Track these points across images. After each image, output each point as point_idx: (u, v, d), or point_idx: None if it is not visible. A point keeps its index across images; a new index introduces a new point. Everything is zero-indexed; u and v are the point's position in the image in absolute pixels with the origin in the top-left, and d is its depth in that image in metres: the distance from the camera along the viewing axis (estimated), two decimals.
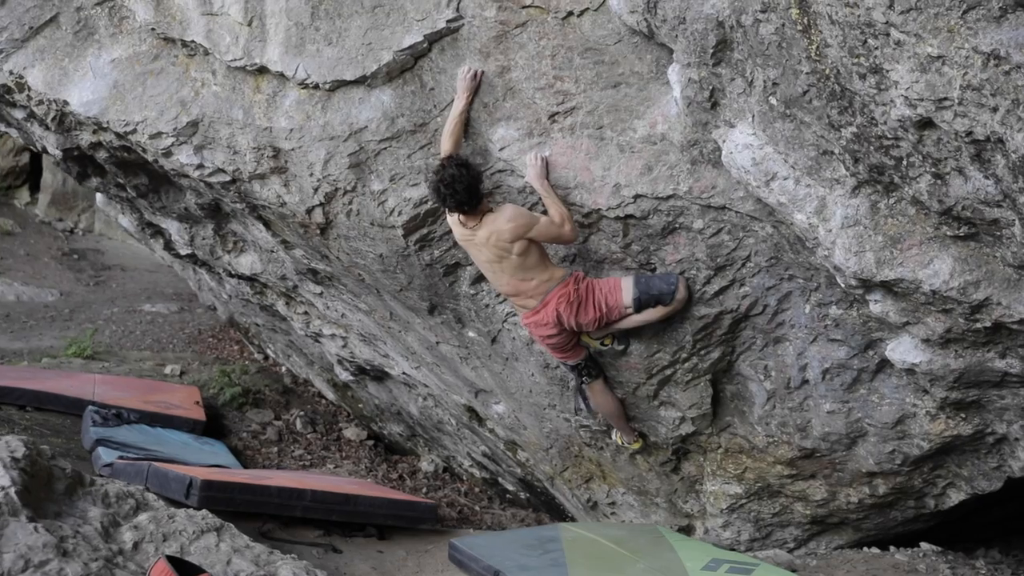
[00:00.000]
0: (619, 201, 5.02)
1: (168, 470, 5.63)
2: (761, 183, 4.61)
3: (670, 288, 5.10)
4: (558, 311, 5.21)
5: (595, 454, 6.45)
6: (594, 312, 5.21)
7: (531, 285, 5.22)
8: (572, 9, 4.99)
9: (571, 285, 5.20)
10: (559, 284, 5.21)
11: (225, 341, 16.25)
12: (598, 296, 5.20)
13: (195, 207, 6.81)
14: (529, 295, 5.25)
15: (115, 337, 15.73)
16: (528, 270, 5.16)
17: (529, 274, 5.17)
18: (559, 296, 5.20)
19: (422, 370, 7.47)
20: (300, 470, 10.04)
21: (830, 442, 5.46)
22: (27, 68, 5.84)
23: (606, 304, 5.19)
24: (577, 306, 5.20)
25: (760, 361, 5.41)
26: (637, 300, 5.14)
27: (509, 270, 5.17)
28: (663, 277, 5.15)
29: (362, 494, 6.06)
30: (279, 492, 5.57)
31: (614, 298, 5.18)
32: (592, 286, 5.23)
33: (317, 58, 5.31)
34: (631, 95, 4.98)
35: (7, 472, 3.92)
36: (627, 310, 5.19)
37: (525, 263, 5.13)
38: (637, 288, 5.13)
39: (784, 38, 4.27)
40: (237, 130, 5.54)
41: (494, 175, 5.31)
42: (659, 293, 5.11)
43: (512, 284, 5.24)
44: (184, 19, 5.49)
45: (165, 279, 21.92)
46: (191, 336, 16.62)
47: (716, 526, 6.24)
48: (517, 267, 5.15)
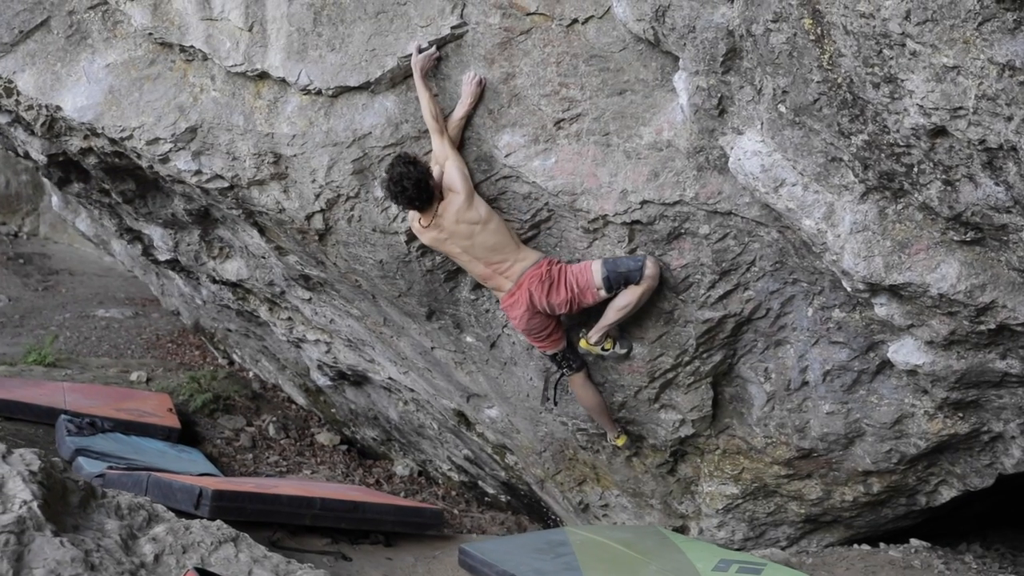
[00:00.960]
0: (626, 207, 5.07)
1: (172, 480, 5.56)
2: (770, 189, 4.69)
3: (637, 265, 5.18)
4: (530, 291, 5.30)
5: (590, 457, 6.50)
6: (565, 292, 5.29)
7: (505, 266, 5.30)
8: (577, 16, 5.04)
9: (544, 267, 5.31)
10: (533, 266, 5.30)
11: (185, 346, 16.04)
12: (569, 277, 5.29)
13: (183, 213, 6.72)
14: (505, 275, 5.34)
15: (70, 343, 15.43)
16: (499, 248, 5.24)
17: (501, 253, 5.26)
18: (532, 276, 5.29)
19: (410, 375, 7.46)
20: (278, 476, 9.96)
21: (828, 442, 5.57)
22: (16, 73, 5.72)
23: (577, 285, 5.27)
24: (549, 286, 5.29)
25: (760, 364, 5.50)
26: (607, 279, 5.22)
27: (483, 250, 5.24)
28: (630, 256, 5.25)
29: (369, 501, 6.04)
30: (289, 501, 5.53)
31: (584, 278, 5.26)
32: (564, 268, 5.34)
33: (320, 64, 5.28)
34: (637, 102, 5.03)
35: (27, 486, 3.85)
36: (599, 291, 5.26)
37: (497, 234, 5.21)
38: (605, 268, 5.22)
39: (795, 47, 4.35)
40: (237, 136, 5.49)
41: (498, 181, 5.33)
42: (627, 271, 5.20)
43: (488, 267, 5.32)
44: (183, 24, 5.43)
45: (116, 283, 21.57)
46: (149, 342, 16.37)
47: (711, 526, 6.32)
48: (491, 244, 5.22)
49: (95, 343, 15.92)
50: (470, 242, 5.24)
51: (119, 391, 10.90)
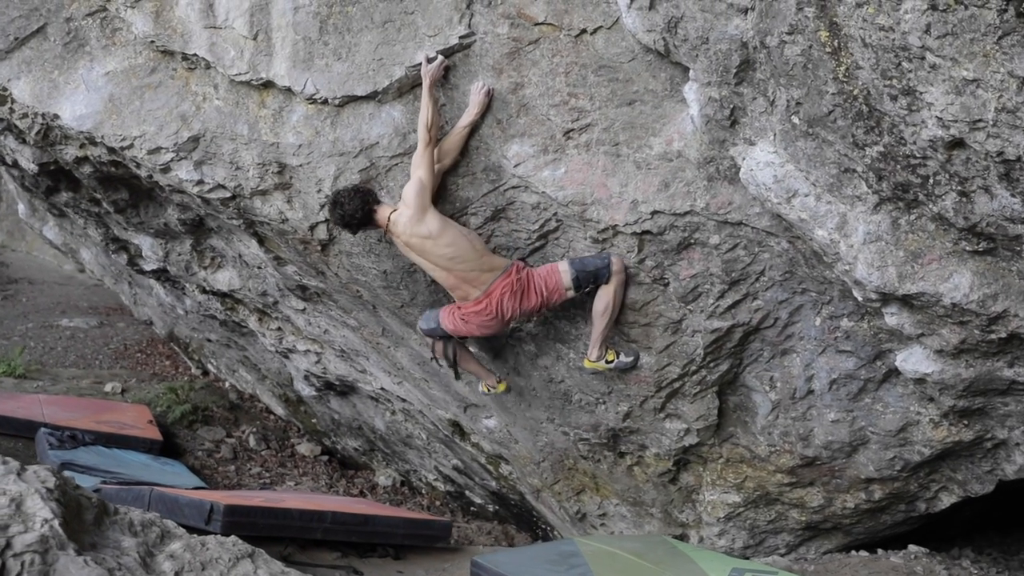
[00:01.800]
0: (636, 217, 5.08)
1: (179, 496, 5.47)
2: (782, 200, 4.72)
3: (604, 263, 5.24)
4: (502, 302, 5.32)
5: (591, 467, 6.49)
6: (535, 298, 5.34)
7: (472, 275, 5.30)
8: (585, 27, 5.04)
9: (513, 275, 5.31)
10: (502, 274, 5.30)
11: (155, 356, 15.85)
12: (537, 282, 5.32)
13: (176, 223, 6.63)
14: (472, 284, 5.33)
15: (35, 354, 15.17)
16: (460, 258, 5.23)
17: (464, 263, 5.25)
18: (503, 287, 5.30)
19: (405, 385, 7.41)
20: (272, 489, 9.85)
21: (832, 450, 5.61)
22: (11, 80, 5.61)
23: (545, 288, 5.31)
24: (520, 295, 5.32)
25: (766, 372, 5.53)
26: (576, 279, 5.27)
27: (445, 261, 5.24)
28: (596, 255, 5.30)
29: (379, 514, 5.98)
30: (300, 515, 5.46)
31: (553, 280, 5.30)
32: (531, 273, 5.36)
33: (326, 73, 5.24)
34: (646, 112, 5.04)
35: (46, 504, 3.75)
36: (567, 291, 5.31)
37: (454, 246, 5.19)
38: (573, 268, 5.27)
39: (810, 59, 4.38)
40: (241, 145, 5.43)
41: (507, 191, 5.31)
42: (595, 269, 5.25)
43: (452, 276, 5.30)
44: (186, 32, 5.35)
45: (77, 292, 21.27)
46: (118, 352, 16.16)
47: (712, 534, 6.35)
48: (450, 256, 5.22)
49: (61, 353, 15.68)
50: (427, 253, 5.26)
51: (97, 403, 10.73)
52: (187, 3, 5.32)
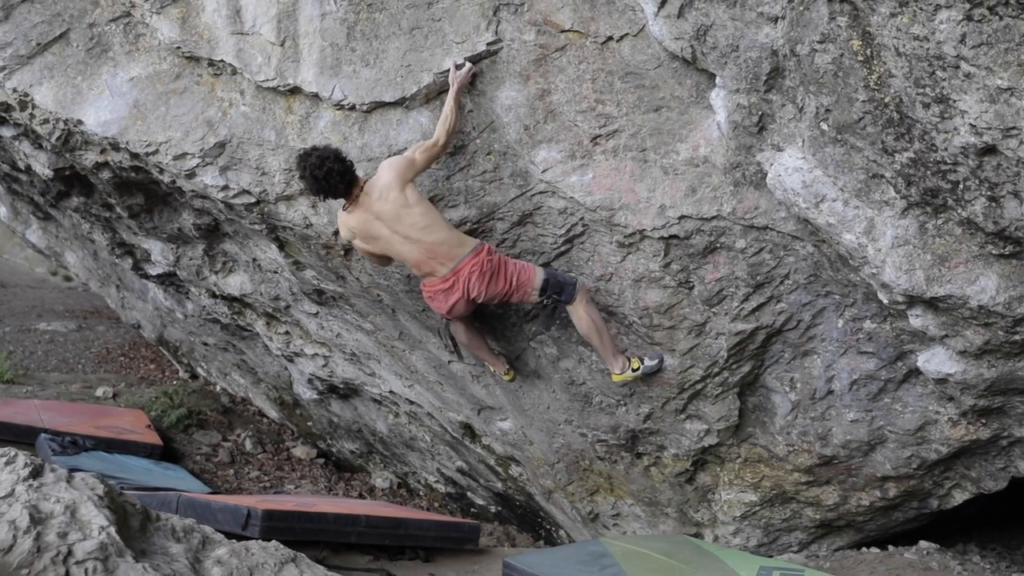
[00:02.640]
0: (664, 222, 5.15)
1: (210, 501, 5.46)
2: (810, 205, 4.81)
3: (572, 281, 5.40)
4: (470, 280, 5.30)
5: (607, 468, 6.56)
6: (504, 284, 5.35)
7: (442, 250, 5.24)
8: (611, 34, 5.10)
9: (483, 255, 5.29)
10: (471, 252, 5.27)
11: (138, 359, 15.75)
12: (510, 270, 5.35)
13: (191, 227, 6.62)
14: (440, 260, 5.27)
15: (15, 358, 15.02)
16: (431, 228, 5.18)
17: (434, 233, 5.19)
18: (472, 265, 5.27)
19: (416, 388, 7.44)
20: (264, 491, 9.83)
21: (850, 449, 5.71)
22: (34, 86, 5.58)
23: (517, 279, 5.35)
24: (490, 276, 5.31)
25: (786, 374, 5.63)
26: (545, 282, 5.36)
27: (418, 226, 5.16)
28: (565, 274, 5.49)
29: (410, 517, 6.01)
30: (335, 519, 5.48)
31: (526, 276, 5.36)
32: (503, 260, 5.37)
33: (354, 79, 5.26)
34: (673, 119, 5.11)
35: (99, 511, 3.75)
36: (533, 291, 5.39)
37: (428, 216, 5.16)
38: (546, 273, 5.39)
39: (841, 67, 4.47)
40: (268, 151, 5.44)
41: (534, 196, 5.37)
42: (563, 282, 5.38)
43: (422, 250, 5.22)
44: (212, 38, 5.35)
45: (52, 295, 21.07)
46: (100, 355, 16.04)
47: (726, 533, 6.44)
48: (423, 225, 5.15)
49: (42, 358, 15.55)
50: (398, 222, 5.16)
51: (94, 408, 10.65)
52: (214, 9, 5.32)
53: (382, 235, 5.25)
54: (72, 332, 17.33)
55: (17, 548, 3.42)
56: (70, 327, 17.63)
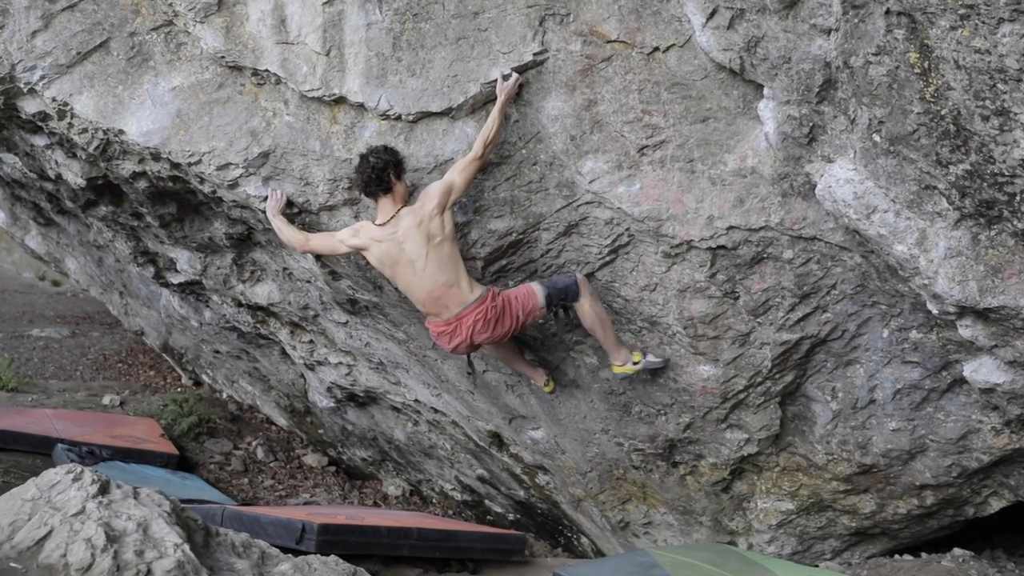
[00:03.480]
0: (712, 232, 5.16)
1: (259, 514, 5.42)
2: (862, 216, 4.83)
3: (572, 280, 5.43)
4: (473, 329, 5.39)
5: (641, 476, 6.56)
6: (511, 323, 5.42)
7: (451, 293, 5.30)
8: (658, 45, 5.11)
9: (488, 302, 5.35)
10: (476, 301, 5.33)
11: (136, 366, 15.66)
12: (514, 306, 5.40)
13: (222, 237, 6.58)
14: (445, 304, 5.34)
15: (14, 366, 14.92)
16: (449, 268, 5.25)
17: (448, 273, 5.26)
18: (476, 314, 5.34)
19: (444, 397, 7.42)
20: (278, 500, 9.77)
21: (890, 458, 5.74)
22: (73, 95, 5.53)
23: (522, 311, 5.42)
24: (495, 322, 5.39)
25: (828, 383, 5.65)
26: (548, 297, 5.41)
27: (435, 265, 5.23)
28: (561, 273, 5.53)
29: (460, 530, 6.00)
30: (388, 532, 5.45)
31: (530, 303, 5.42)
32: (507, 299, 5.42)
33: (400, 89, 5.25)
34: (720, 129, 5.13)
35: (171, 527, 3.71)
36: (539, 311, 5.43)
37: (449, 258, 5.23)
38: (545, 288, 5.42)
39: (896, 80, 4.49)
40: (312, 161, 5.41)
41: (580, 207, 5.37)
42: (564, 287, 5.43)
43: (433, 289, 5.29)
44: (257, 48, 5.32)
45: (41, 300, 20.90)
46: (97, 362, 15.93)
47: (761, 541, 6.45)
48: (439, 260, 5.22)
49: (39, 365, 15.43)
50: (422, 252, 5.22)
51: (105, 417, 10.56)
52: (258, 19, 5.30)
53: (400, 261, 5.30)
54: (67, 338, 17.20)
55: (96, 567, 3.39)
56: (64, 333, 17.51)
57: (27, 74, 5.55)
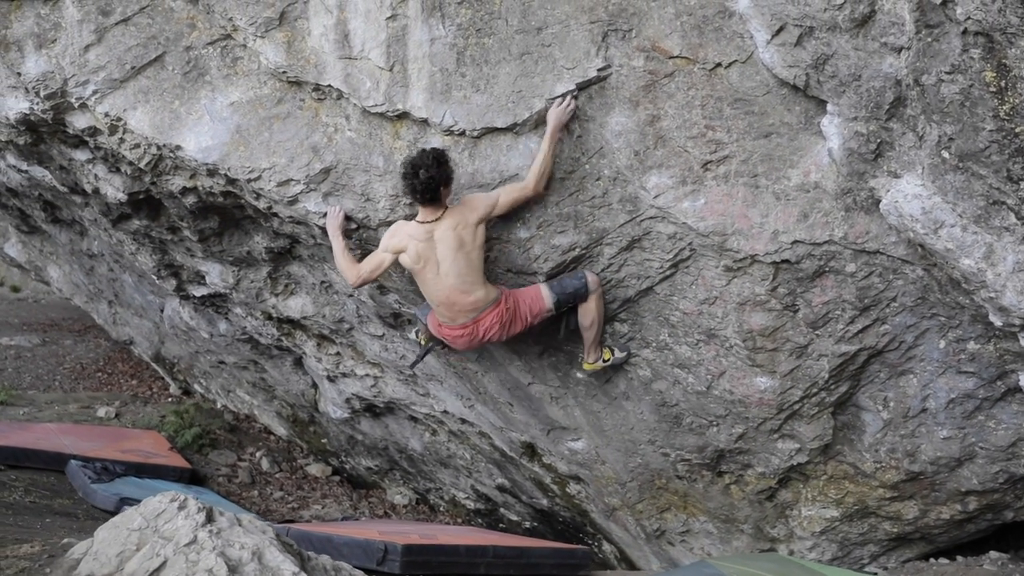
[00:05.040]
0: (776, 247, 5.21)
1: (330, 534, 5.35)
2: (929, 231, 4.91)
3: (582, 282, 5.53)
4: (489, 331, 5.52)
5: (684, 486, 6.61)
6: (520, 324, 5.58)
7: (468, 300, 5.42)
8: (720, 60, 5.15)
9: (503, 304, 5.48)
10: (492, 304, 5.45)
11: (116, 375, 15.44)
12: (523, 309, 5.54)
13: (262, 250, 6.50)
14: (461, 309, 5.46)
15: None
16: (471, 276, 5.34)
17: (470, 284, 5.37)
18: (492, 317, 5.47)
19: (476, 408, 7.41)
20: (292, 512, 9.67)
21: (939, 465, 5.84)
22: (127, 110, 5.42)
23: (531, 313, 5.56)
24: (508, 324, 5.54)
25: (880, 393, 5.73)
26: (557, 302, 5.54)
27: (456, 271, 5.31)
28: (569, 275, 5.58)
29: (530, 546, 5.98)
30: (467, 551, 5.42)
31: (538, 307, 5.55)
32: (517, 300, 5.54)
33: (465, 105, 5.23)
34: (783, 144, 5.18)
35: (284, 555, 3.66)
36: (548, 312, 5.57)
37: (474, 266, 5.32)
38: (553, 292, 5.53)
39: (969, 97, 4.57)
40: (375, 177, 5.37)
41: (643, 222, 5.39)
42: (574, 290, 5.55)
43: (450, 294, 5.39)
44: (319, 63, 5.26)
45: (2, 308, 20.48)
46: (74, 371, 15.68)
47: (803, 548, 6.53)
48: (464, 267, 5.30)
49: (14, 375, 15.15)
50: (449, 258, 5.28)
51: (111, 431, 10.37)
52: (321, 34, 5.24)
53: (430, 260, 5.34)
54: (38, 347, 16.90)
55: None
56: (34, 341, 17.20)
57: (79, 89, 5.44)
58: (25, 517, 6.72)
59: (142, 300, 11.09)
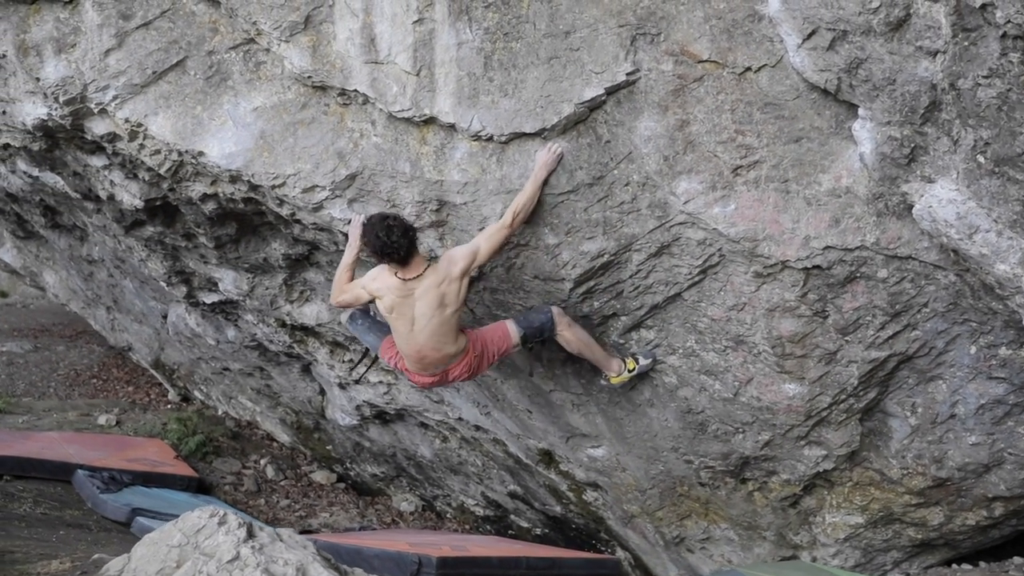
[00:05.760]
0: (808, 252, 5.17)
1: (360, 547, 5.28)
2: (963, 236, 4.87)
3: (547, 317, 5.56)
4: (457, 378, 5.63)
5: (706, 493, 6.56)
6: (487, 363, 5.66)
7: (439, 356, 5.47)
8: (749, 65, 5.10)
9: (471, 353, 5.52)
10: (462, 354, 5.50)
11: (112, 382, 15.30)
12: (491, 348, 5.59)
13: (279, 257, 6.42)
14: (431, 363, 5.51)
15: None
16: (445, 336, 5.38)
17: (442, 342, 5.40)
18: (462, 366, 5.56)
19: (493, 415, 7.34)
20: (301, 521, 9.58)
21: (966, 472, 5.81)
22: (148, 116, 5.33)
23: (498, 352, 5.63)
24: (476, 367, 5.63)
25: (908, 399, 5.69)
26: (523, 336, 5.59)
27: (430, 331, 5.35)
28: (535, 310, 5.63)
29: (561, 556, 5.92)
30: (500, 562, 5.36)
31: (505, 344, 5.62)
32: (485, 342, 5.58)
33: (493, 110, 5.16)
34: (813, 149, 5.13)
35: (328, 571, 3.57)
36: (516, 347, 5.65)
37: (448, 322, 5.33)
38: (520, 327, 5.59)
39: (1007, 102, 4.53)
40: (401, 183, 5.29)
41: (672, 228, 5.34)
42: (540, 325, 5.58)
43: (421, 349, 5.43)
44: (345, 68, 5.19)
45: None
46: (69, 378, 15.53)
47: (826, 555, 6.49)
48: (439, 327, 5.33)
49: (7, 382, 15.01)
50: (427, 315, 5.29)
51: (114, 439, 10.25)
52: (346, 38, 5.16)
53: (405, 315, 5.34)
54: (30, 353, 16.73)
55: None
56: (26, 348, 17.03)
57: (99, 94, 5.35)
58: (39, 529, 6.61)
59: (143, 306, 10.98)
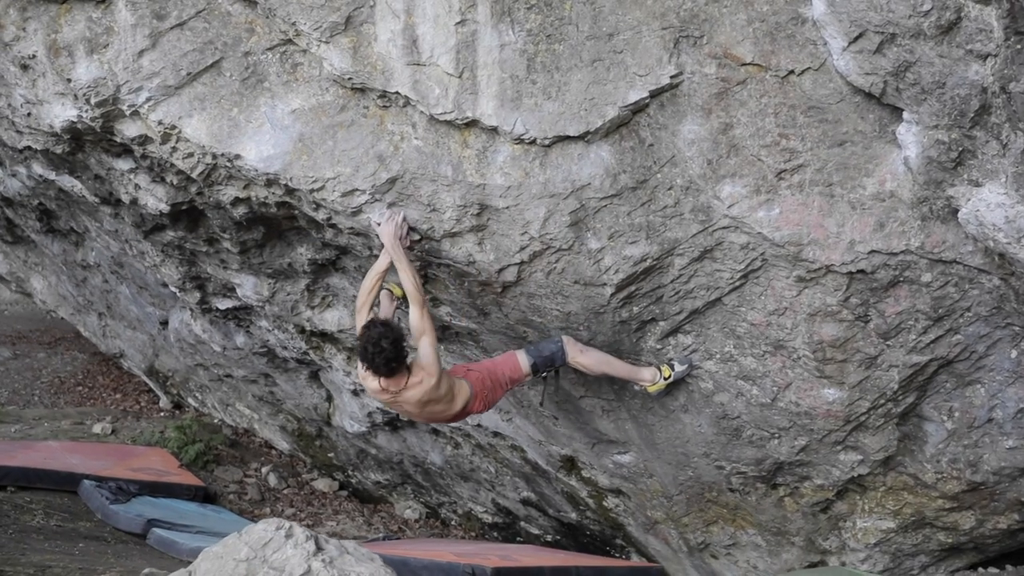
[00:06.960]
0: (853, 257, 5.14)
1: (406, 558, 5.18)
2: (1012, 240, 4.86)
3: (558, 346, 5.62)
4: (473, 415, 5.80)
5: (736, 499, 6.51)
6: (500, 393, 5.67)
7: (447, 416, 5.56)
8: (793, 68, 5.07)
9: (479, 396, 5.52)
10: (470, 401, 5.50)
11: (98, 389, 15.06)
12: (501, 378, 5.62)
13: (305, 262, 6.31)
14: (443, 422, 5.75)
15: None
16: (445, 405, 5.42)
17: (444, 408, 5.45)
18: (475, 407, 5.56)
19: (515, 422, 7.27)
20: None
21: (1001, 476, 5.81)
22: (183, 118, 5.20)
23: (510, 382, 5.66)
24: (489, 401, 5.64)
25: (946, 403, 5.68)
26: (534, 365, 5.64)
27: (427, 413, 5.46)
28: (546, 340, 5.69)
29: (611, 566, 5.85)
30: (552, 572, 5.28)
31: (516, 374, 5.66)
32: (495, 375, 5.61)
33: (536, 112, 5.09)
34: (857, 153, 5.11)
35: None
36: (527, 376, 5.71)
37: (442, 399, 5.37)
38: (530, 356, 5.64)
39: None
40: (442, 187, 5.21)
41: (715, 232, 5.29)
42: (551, 354, 5.64)
43: (429, 421, 5.74)
44: (386, 69, 5.09)
45: None
46: (53, 385, 15.28)
47: (855, 560, 6.47)
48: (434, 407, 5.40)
49: None
50: (418, 408, 5.38)
51: (117, 448, 10.05)
52: (388, 39, 5.07)
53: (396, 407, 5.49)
54: (10, 360, 16.44)
55: None
56: (5, 355, 16.73)
57: (132, 96, 5.22)
58: (58, 542, 6.45)
59: (139, 312, 10.80)
